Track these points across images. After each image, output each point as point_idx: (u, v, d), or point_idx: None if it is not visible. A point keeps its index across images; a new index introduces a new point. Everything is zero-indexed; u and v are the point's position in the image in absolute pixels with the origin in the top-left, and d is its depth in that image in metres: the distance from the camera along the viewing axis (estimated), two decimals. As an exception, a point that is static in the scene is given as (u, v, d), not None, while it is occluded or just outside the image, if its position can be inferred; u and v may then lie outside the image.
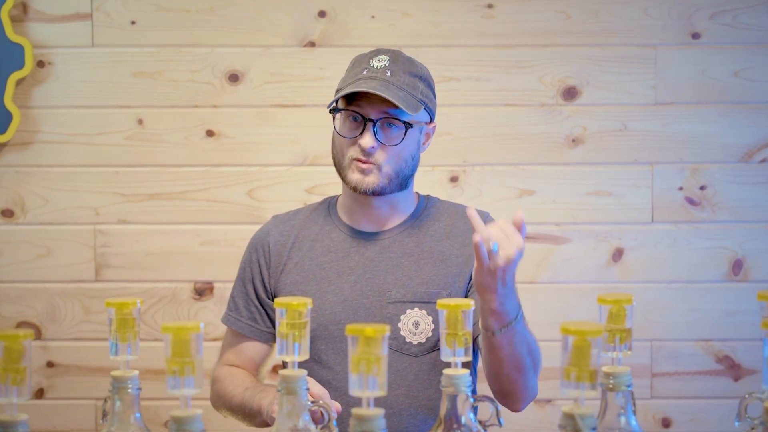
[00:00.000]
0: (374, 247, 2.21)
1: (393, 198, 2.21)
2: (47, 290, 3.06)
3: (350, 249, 2.21)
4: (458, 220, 2.24)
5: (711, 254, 3.05)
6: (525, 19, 3.04)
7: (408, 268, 2.18)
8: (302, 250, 2.24)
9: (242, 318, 2.26)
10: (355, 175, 2.14)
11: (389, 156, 2.14)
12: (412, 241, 2.21)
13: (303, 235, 2.26)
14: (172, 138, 3.05)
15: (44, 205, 3.05)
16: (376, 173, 2.13)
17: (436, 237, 2.22)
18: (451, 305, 1.61)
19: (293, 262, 2.23)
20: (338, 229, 2.24)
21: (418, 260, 2.19)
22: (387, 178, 2.15)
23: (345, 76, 2.19)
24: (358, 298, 2.16)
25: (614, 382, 1.57)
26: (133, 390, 1.60)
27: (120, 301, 1.63)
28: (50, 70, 3.03)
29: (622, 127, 3.05)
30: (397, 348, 2.13)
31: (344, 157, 2.16)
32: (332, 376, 2.14)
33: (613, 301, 1.62)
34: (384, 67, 2.14)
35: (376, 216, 2.23)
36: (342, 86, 2.16)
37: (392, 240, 2.21)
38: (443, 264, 2.18)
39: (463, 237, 2.21)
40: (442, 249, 2.20)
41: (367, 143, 2.11)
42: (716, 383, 3.06)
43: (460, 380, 1.58)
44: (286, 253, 2.24)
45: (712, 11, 3.03)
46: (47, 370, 3.06)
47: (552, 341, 2.01)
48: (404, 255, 2.19)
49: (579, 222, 3.06)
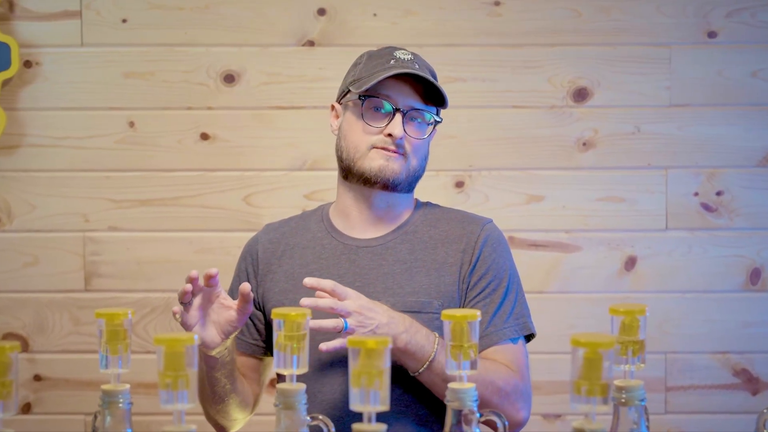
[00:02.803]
0: (366, 254, 2.21)
1: (394, 199, 2.22)
2: (35, 300, 3.06)
3: (341, 256, 2.21)
4: (455, 226, 2.24)
5: (728, 263, 3.05)
6: (533, 17, 3.04)
7: (399, 277, 2.18)
8: (293, 258, 2.24)
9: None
10: (378, 161, 2.15)
11: (413, 149, 2.18)
12: (405, 248, 2.21)
13: (293, 243, 2.26)
14: (164, 141, 3.05)
15: (31, 211, 3.05)
16: (401, 162, 2.16)
17: (431, 244, 2.22)
18: (456, 316, 1.61)
19: (282, 270, 2.23)
20: (330, 236, 2.24)
21: (410, 268, 2.19)
22: (406, 172, 2.17)
23: (365, 67, 2.21)
24: None
25: (627, 397, 1.57)
26: (124, 405, 1.60)
27: (110, 312, 1.63)
28: (38, 70, 3.04)
29: (635, 130, 3.05)
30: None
31: (362, 145, 2.17)
32: (318, 388, 2.13)
33: (626, 311, 1.62)
34: (411, 60, 2.20)
35: (371, 219, 2.23)
36: (364, 75, 2.18)
37: (385, 247, 2.21)
38: (436, 272, 2.18)
39: (458, 243, 2.21)
40: (436, 257, 2.20)
41: (399, 132, 2.14)
42: (733, 397, 3.06)
43: (466, 394, 1.58)
44: (275, 260, 2.25)
45: (729, 9, 3.03)
46: (34, 383, 3.07)
47: (562, 353, 2.02)
48: (396, 262, 2.19)
49: (590, 229, 3.06)
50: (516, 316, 2.18)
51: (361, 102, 2.17)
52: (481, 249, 2.20)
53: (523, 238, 3.03)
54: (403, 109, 2.15)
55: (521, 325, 2.18)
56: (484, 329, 2.13)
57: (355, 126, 2.19)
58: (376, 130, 2.16)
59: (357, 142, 2.18)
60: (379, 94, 2.16)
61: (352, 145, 2.18)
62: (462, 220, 2.26)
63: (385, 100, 2.16)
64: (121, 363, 1.63)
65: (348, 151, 2.19)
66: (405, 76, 2.15)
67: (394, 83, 2.15)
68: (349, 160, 2.19)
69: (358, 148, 2.17)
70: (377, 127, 2.16)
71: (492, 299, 2.17)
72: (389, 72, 2.14)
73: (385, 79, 2.14)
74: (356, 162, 2.18)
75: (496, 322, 2.15)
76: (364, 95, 2.17)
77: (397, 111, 2.15)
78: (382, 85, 2.15)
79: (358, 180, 2.19)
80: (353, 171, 2.18)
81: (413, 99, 2.17)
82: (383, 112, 2.16)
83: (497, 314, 2.16)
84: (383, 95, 2.16)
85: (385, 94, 2.16)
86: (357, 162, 2.17)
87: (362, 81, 2.17)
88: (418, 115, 2.17)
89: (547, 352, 2.47)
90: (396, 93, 2.16)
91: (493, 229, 2.25)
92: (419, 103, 2.17)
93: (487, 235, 2.22)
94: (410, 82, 2.17)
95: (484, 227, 2.23)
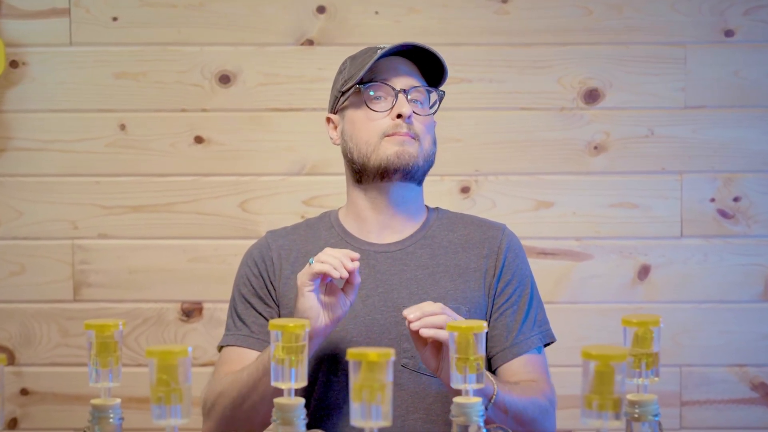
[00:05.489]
0: (385, 259, 2.21)
1: (409, 194, 2.23)
2: (21, 311, 3.06)
3: (359, 262, 2.21)
4: (474, 230, 2.26)
5: (745, 271, 3.05)
6: (542, 15, 3.05)
7: (423, 282, 2.18)
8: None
9: (253, 334, 2.20)
10: (394, 148, 2.16)
11: (424, 130, 2.20)
12: (425, 253, 2.22)
13: (306, 250, 2.25)
14: (157, 145, 3.06)
15: (18, 218, 3.05)
16: (416, 146, 2.17)
17: (452, 249, 2.23)
18: (461, 327, 1.61)
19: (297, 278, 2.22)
20: (344, 241, 2.24)
21: (434, 273, 2.20)
22: (423, 156, 2.19)
23: (351, 68, 2.23)
24: (371, 314, 2.16)
25: (640, 412, 1.57)
26: (114, 420, 1.60)
27: (100, 323, 1.63)
28: (24, 70, 3.04)
29: (649, 133, 3.05)
30: (414, 367, 2.12)
31: (373, 137, 2.18)
32: (343, 399, 2.14)
33: (639, 323, 1.62)
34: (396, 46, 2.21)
35: (388, 220, 2.23)
36: (354, 72, 2.20)
37: (405, 252, 2.22)
38: (460, 278, 2.19)
39: (480, 248, 2.22)
40: (458, 261, 2.21)
41: (407, 110, 2.16)
42: (751, 413, 3.06)
43: (471, 409, 1.58)
44: (289, 267, 2.24)
45: (746, 6, 3.03)
46: (21, 398, 3.07)
47: (572, 366, 2.02)
48: (418, 268, 2.20)
49: (601, 236, 3.06)
50: (539, 324, 2.22)
51: (360, 92, 2.19)
52: (506, 255, 2.22)
53: (532, 246, 3.03)
54: (404, 88, 2.18)
55: (545, 332, 2.23)
56: (514, 337, 2.17)
57: (360, 120, 2.20)
58: (383, 115, 2.17)
59: (367, 135, 2.18)
60: (376, 79, 2.19)
61: (363, 141, 2.19)
62: (479, 224, 2.28)
63: (384, 83, 2.18)
64: (112, 376, 1.63)
65: (359, 149, 2.19)
66: (398, 53, 2.19)
67: (389, 65, 2.19)
68: (363, 157, 2.19)
69: (369, 141, 2.18)
70: (383, 111, 2.18)
71: (519, 306, 2.20)
72: (380, 54, 2.17)
73: (380, 66, 2.17)
74: (370, 157, 2.18)
75: (524, 330, 2.19)
76: (362, 84, 2.19)
77: (398, 92, 2.17)
78: (377, 72, 2.18)
79: (374, 176, 2.19)
80: (369, 167, 2.18)
81: (412, 77, 2.20)
82: (385, 99, 2.18)
83: (525, 322, 2.19)
84: (380, 80, 2.19)
85: (382, 78, 2.19)
86: (371, 156, 2.18)
87: (354, 77, 2.19)
88: (420, 93, 2.21)
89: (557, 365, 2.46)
90: (393, 74, 2.19)
91: (512, 234, 2.28)
92: (418, 79, 2.21)
93: (510, 240, 2.25)
94: (405, 63, 2.21)
95: (504, 232, 2.26)
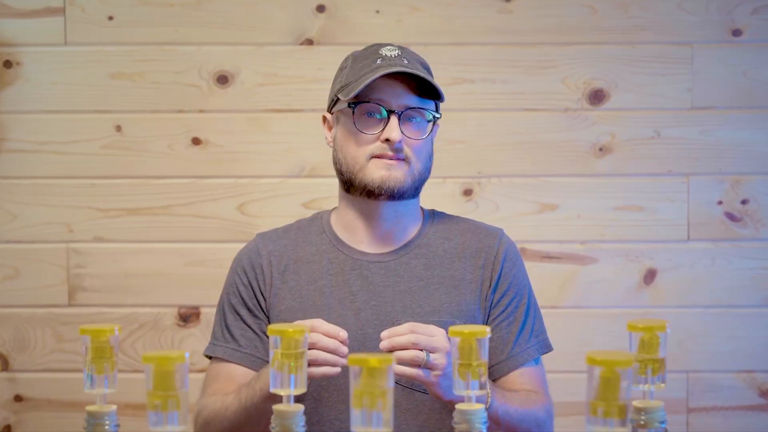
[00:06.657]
0: (379, 269, 2.20)
1: (401, 209, 2.21)
2: (15, 316, 3.06)
3: (351, 272, 2.20)
4: (470, 238, 2.24)
5: (754, 276, 3.05)
6: (547, 14, 3.05)
7: (417, 295, 2.17)
8: (298, 273, 2.22)
9: (241, 348, 2.21)
10: (380, 172, 2.13)
11: (414, 152, 2.16)
12: (420, 263, 2.21)
13: (296, 257, 2.24)
14: (154, 146, 3.06)
15: (11, 221, 3.05)
16: (404, 169, 2.14)
17: (447, 258, 2.22)
18: (464, 332, 1.62)
19: (288, 287, 2.22)
20: (336, 250, 2.23)
21: (428, 285, 2.19)
22: (411, 177, 2.16)
23: (351, 71, 2.19)
24: (363, 327, 2.15)
25: (646, 418, 1.57)
26: (110, 427, 1.60)
27: (96, 328, 1.64)
28: (18, 70, 3.04)
29: (655, 135, 3.05)
30: (407, 384, 2.11)
31: (360, 157, 2.15)
32: (334, 415, 2.13)
33: (645, 328, 1.62)
34: (398, 56, 2.17)
35: (381, 232, 2.22)
36: (352, 80, 2.16)
37: (398, 262, 2.21)
38: (455, 289, 2.18)
39: (476, 258, 2.21)
40: (454, 272, 2.20)
41: (396, 136, 2.11)
42: (759, 420, 3.06)
43: (474, 416, 1.58)
44: (278, 275, 2.23)
45: (755, 5, 3.03)
46: (15, 404, 3.07)
47: (577, 372, 2.02)
48: (413, 279, 2.19)
49: (607, 240, 3.06)
50: (536, 334, 2.21)
51: (351, 110, 2.15)
52: (502, 264, 2.21)
53: (536, 250, 3.03)
54: (397, 110, 2.13)
55: (542, 342, 2.22)
56: (510, 350, 2.17)
57: (349, 137, 2.17)
58: (371, 138, 2.14)
59: (354, 153, 2.16)
60: (369, 98, 2.14)
61: (350, 158, 2.17)
62: (476, 231, 2.26)
63: (376, 104, 2.14)
64: (108, 383, 1.63)
65: (346, 164, 2.18)
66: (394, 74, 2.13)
67: (384, 84, 2.13)
68: (349, 173, 2.17)
69: (356, 160, 2.16)
70: (372, 134, 2.14)
71: (516, 317, 2.19)
72: (376, 73, 2.11)
73: (375, 81, 2.12)
74: (356, 175, 2.16)
75: (521, 342, 2.18)
76: (354, 102, 2.15)
77: (391, 113, 2.13)
78: (371, 89, 2.13)
79: (361, 193, 2.17)
80: (355, 184, 2.17)
81: (407, 97, 2.15)
82: (377, 117, 2.14)
83: (522, 334, 2.19)
84: (374, 99, 2.14)
85: (377, 97, 2.14)
86: (357, 175, 2.16)
87: (350, 87, 2.15)
88: (414, 114, 2.15)
89: (562, 371, 2.47)
90: (387, 94, 2.14)
91: (509, 241, 2.26)
92: (414, 99, 2.15)
93: (506, 248, 2.24)
94: (401, 80, 2.14)
95: (501, 240, 2.25)
